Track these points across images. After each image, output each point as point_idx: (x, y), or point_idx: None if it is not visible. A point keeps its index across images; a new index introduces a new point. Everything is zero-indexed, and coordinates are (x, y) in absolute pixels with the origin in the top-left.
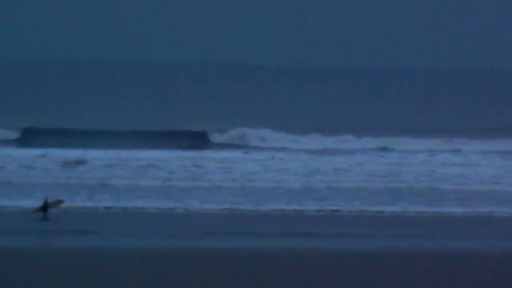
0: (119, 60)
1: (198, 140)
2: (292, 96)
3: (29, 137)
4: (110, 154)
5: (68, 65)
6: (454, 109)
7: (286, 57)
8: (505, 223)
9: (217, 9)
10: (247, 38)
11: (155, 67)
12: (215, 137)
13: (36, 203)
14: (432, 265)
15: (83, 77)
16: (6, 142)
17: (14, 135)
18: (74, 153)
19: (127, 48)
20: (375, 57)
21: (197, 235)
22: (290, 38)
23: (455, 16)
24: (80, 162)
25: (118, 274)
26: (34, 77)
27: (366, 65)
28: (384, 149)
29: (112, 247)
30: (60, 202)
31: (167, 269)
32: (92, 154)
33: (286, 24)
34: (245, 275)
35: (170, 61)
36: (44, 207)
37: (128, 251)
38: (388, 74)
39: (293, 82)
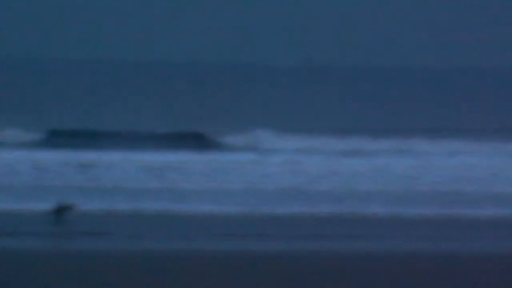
0: (125, 60)
1: (211, 142)
2: (303, 97)
3: (42, 139)
4: (121, 156)
5: (70, 65)
6: (469, 109)
7: (290, 57)
8: None
9: (223, 9)
10: (251, 38)
11: (160, 68)
12: (228, 139)
13: (50, 205)
14: (452, 268)
15: (92, 78)
16: (20, 145)
17: (27, 137)
18: (88, 155)
19: (128, 48)
20: (380, 58)
21: (211, 237)
22: (291, 38)
23: (455, 16)
24: (94, 164)
25: (132, 276)
26: (37, 78)
27: (371, 65)
28: (401, 150)
29: (126, 249)
30: (72, 205)
31: (181, 271)
32: (106, 156)
33: (286, 24)
34: (259, 277)
35: (175, 61)
36: (58, 210)
37: (141, 253)
38: (395, 74)
39: (302, 83)
